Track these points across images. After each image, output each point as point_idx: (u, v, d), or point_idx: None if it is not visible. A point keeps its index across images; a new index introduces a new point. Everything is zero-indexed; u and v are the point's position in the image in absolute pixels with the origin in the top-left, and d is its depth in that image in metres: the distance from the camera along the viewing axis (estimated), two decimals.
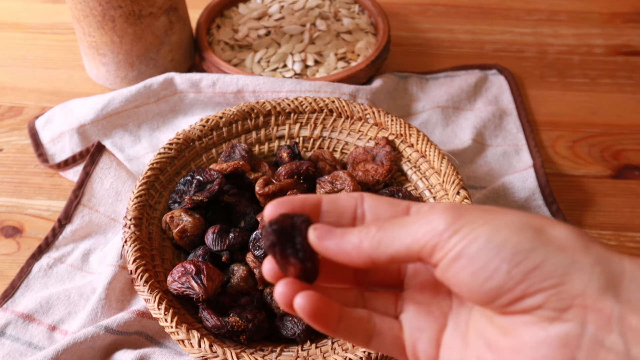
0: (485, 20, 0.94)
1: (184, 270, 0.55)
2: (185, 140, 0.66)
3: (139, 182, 0.61)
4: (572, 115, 0.80)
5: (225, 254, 0.58)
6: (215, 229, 0.59)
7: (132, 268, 0.55)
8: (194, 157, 0.66)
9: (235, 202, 0.62)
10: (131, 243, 0.56)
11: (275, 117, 0.69)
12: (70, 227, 0.66)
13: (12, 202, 0.70)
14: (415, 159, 0.65)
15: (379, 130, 0.67)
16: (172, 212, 0.60)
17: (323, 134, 0.69)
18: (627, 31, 0.91)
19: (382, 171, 0.64)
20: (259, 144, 0.69)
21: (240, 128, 0.68)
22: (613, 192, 0.72)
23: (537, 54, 0.88)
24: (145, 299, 0.53)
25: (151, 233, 0.60)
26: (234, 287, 0.57)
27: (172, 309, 0.52)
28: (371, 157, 0.65)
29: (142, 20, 0.75)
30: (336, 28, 0.85)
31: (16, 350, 0.57)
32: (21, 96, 0.82)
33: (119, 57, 0.78)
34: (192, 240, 0.59)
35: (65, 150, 0.73)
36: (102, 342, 0.56)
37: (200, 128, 0.66)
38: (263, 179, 0.61)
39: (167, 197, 0.63)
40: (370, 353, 0.48)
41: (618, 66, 0.86)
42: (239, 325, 0.52)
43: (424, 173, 0.65)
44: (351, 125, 0.68)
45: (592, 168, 0.74)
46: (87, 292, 0.61)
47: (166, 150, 0.65)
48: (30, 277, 0.63)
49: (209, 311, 0.53)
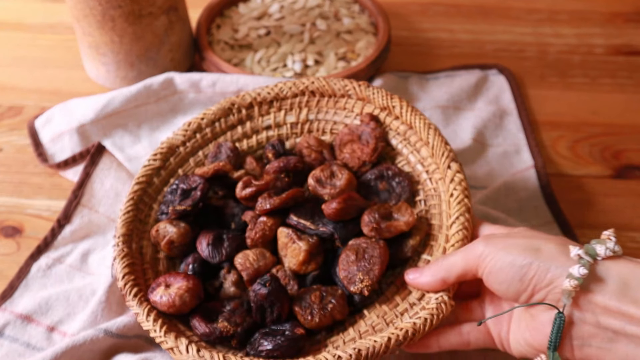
0: (486, 20, 0.93)
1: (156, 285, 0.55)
2: (170, 149, 0.64)
3: (126, 199, 0.60)
4: (572, 115, 0.80)
5: (226, 266, 0.57)
6: (209, 239, 0.57)
7: (121, 284, 0.54)
8: (181, 163, 0.65)
9: (222, 204, 0.61)
10: (120, 260, 0.56)
11: (258, 107, 0.66)
12: (69, 227, 0.66)
13: (12, 202, 0.70)
14: (403, 131, 0.62)
15: (364, 105, 0.64)
16: (158, 225, 0.59)
17: (309, 117, 0.66)
18: (628, 31, 0.91)
19: (367, 151, 0.61)
20: (246, 138, 0.67)
21: (224, 125, 0.66)
22: (614, 192, 0.72)
23: (537, 54, 0.88)
24: (135, 312, 0.53)
25: (142, 247, 0.59)
26: (225, 294, 0.56)
27: (161, 319, 0.52)
28: (357, 137, 0.62)
29: (142, 20, 0.75)
30: (336, 28, 0.85)
31: (14, 350, 0.57)
32: (21, 96, 0.82)
33: (119, 56, 0.78)
34: (181, 250, 0.58)
35: (65, 150, 0.73)
36: (101, 345, 0.56)
37: (182, 133, 0.65)
38: (243, 182, 0.59)
39: (157, 208, 0.62)
40: (360, 350, 0.48)
41: (619, 66, 0.86)
42: (227, 330, 0.52)
43: (414, 145, 0.61)
44: (336, 103, 0.66)
45: (592, 168, 0.74)
46: (87, 293, 0.61)
47: (150, 162, 0.63)
48: (29, 278, 0.63)
49: (198, 319, 0.53)
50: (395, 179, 0.60)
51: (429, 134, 0.59)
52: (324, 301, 0.53)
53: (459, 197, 0.55)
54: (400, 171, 0.60)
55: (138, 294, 0.54)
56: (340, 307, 0.53)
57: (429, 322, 0.49)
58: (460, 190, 0.55)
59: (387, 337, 0.48)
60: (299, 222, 0.56)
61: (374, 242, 0.54)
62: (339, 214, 0.55)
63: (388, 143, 0.63)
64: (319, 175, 0.59)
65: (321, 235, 0.56)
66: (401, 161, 0.62)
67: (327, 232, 0.55)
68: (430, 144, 0.59)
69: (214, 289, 0.57)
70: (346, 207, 0.55)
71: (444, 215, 0.56)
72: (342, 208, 0.55)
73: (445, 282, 0.50)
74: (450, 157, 0.57)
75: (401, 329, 0.49)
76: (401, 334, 0.49)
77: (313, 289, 0.54)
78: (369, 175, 0.61)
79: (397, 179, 0.60)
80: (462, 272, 0.48)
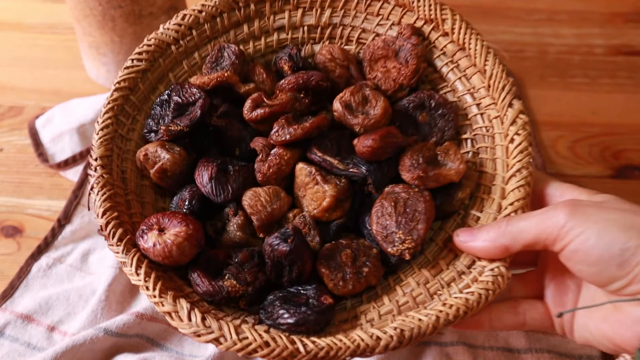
0: (486, 20, 0.93)
1: (147, 227, 0.44)
2: (158, 46, 0.52)
3: (104, 109, 0.49)
4: (572, 115, 0.80)
5: (232, 206, 0.46)
6: (211, 171, 0.46)
7: (102, 223, 0.44)
8: (172, 66, 0.53)
9: (225, 125, 0.49)
10: (99, 190, 0.45)
11: (270, 3, 0.54)
12: (69, 227, 0.66)
13: (12, 202, 0.70)
14: (451, 52, 0.51)
15: (403, 13, 0.52)
16: (146, 148, 0.47)
17: (332, 21, 0.54)
18: (628, 31, 0.91)
19: (406, 72, 0.50)
20: (253, 40, 0.55)
21: (227, 22, 0.54)
22: (613, 192, 0.71)
23: (537, 54, 0.88)
24: (121, 261, 0.43)
25: (125, 172, 0.48)
26: (230, 239, 0.46)
27: (154, 272, 0.42)
28: (393, 53, 0.51)
29: (142, 20, 0.75)
30: None
31: (15, 350, 0.57)
32: (21, 96, 0.82)
33: (119, 56, 0.78)
34: (176, 179, 0.48)
35: (65, 150, 0.73)
36: (101, 344, 0.56)
37: (175, 28, 0.52)
38: (252, 100, 0.48)
39: (143, 121, 0.51)
40: (403, 331, 0.39)
41: (618, 66, 0.86)
42: (236, 290, 0.42)
43: (463, 71, 0.50)
44: (367, 7, 0.53)
45: (592, 168, 0.74)
46: (87, 292, 0.61)
47: (135, 63, 0.51)
48: (29, 278, 0.63)
49: (199, 273, 0.43)
50: (439, 109, 0.49)
51: (487, 59, 0.48)
52: (357, 262, 0.44)
53: (521, 145, 0.45)
54: (445, 101, 0.50)
55: (124, 238, 0.43)
56: (376, 270, 0.44)
57: (484, 299, 0.40)
58: (524, 136, 0.45)
59: (435, 316, 0.40)
60: (324, 158, 0.46)
61: (417, 193, 0.44)
62: (375, 153, 0.45)
63: (430, 64, 0.52)
64: (349, 99, 0.48)
65: (351, 177, 0.46)
66: (444, 87, 0.52)
67: (359, 174, 0.45)
68: (488, 72, 0.48)
69: (215, 230, 0.47)
70: (384, 145, 0.45)
71: (499, 164, 0.47)
72: (380, 147, 0.44)
73: (507, 250, 0.41)
74: (512, 93, 0.47)
75: (451, 306, 0.40)
76: (451, 313, 0.40)
77: (342, 245, 0.45)
78: (405, 103, 0.50)
79: (441, 110, 0.49)
80: (532, 241, 0.40)
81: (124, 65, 0.51)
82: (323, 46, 0.53)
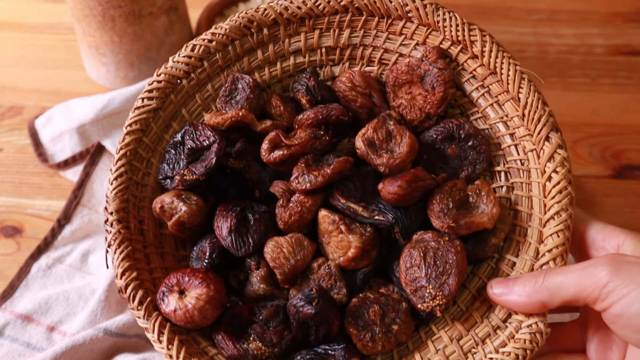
0: (485, 20, 0.93)
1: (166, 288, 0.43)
2: (169, 82, 0.49)
3: (117, 155, 0.46)
4: (572, 115, 0.80)
5: (254, 260, 0.45)
6: (230, 222, 0.44)
7: (121, 284, 0.42)
8: (185, 101, 0.50)
9: (243, 167, 0.47)
10: (116, 248, 0.43)
11: (284, 26, 0.50)
12: (69, 227, 0.66)
13: (12, 202, 0.70)
14: (482, 75, 0.46)
15: (428, 33, 0.48)
16: (162, 200, 0.45)
17: (352, 41, 0.50)
18: (628, 31, 0.91)
19: (432, 100, 0.46)
20: (268, 65, 0.51)
21: (239, 49, 0.50)
22: (614, 192, 0.72)
23: (537, 54, 0.88)
24: (143, 327, 0.42)
25: (142, 222, 0.46)
26: (253, 291, 0.45)
27: (177, 337, 0.41)
28: (418, 78, 0.47)
29: (142, 20, 0.75)
30: None
31: (15, 350, 0.57)
32: (21, 96, 0.82)
33: (119, 57, 0.78)
34: (194, 230, 0.46)
35: (65, 150, 0.73)
36: (101, 344, 0.56)
37: (185, 61, 0.49)
38: (269, 141, 0.45)
39: (158, 164, 0.49)
40: None
41: (618, 66, 0.86)
42: (262, 353, 0.41)
43: (495, 97, 0.46)
44: (389, 26, 0.49)
45: (592, 168, 0.74)
46: (86, 293, 0.61)
47: (145, 102, 0.48)
48: (29, 278, 0.63)
49: (223, 335, 0.42)
50: (470, 141, 0.46)
51: (521, 85, 0.44)
52: (386, 319, 0.42)
53: (560, 184, 0.41)
54: (476, 131, 0.46)
55: (144, 301, 0.42)
56: (406, 327, 0.42)
57: (521, 359, 0.38)
58: (563, 174, 0.41)
59: None
60: (347, 206, 0.43)
61: (448, 243, 0.42)
62: (401, 199, 0.42)
63: (458, 87, 0.47)
64: (372, 136, 0.45)
65: (377, 225, 0.43)
66: (474, 113, 0.47)
67: (385, 222, 0.43)
68: (522, 101, 0.44)
69: (238, 282, 0.46)
70: (411, 191, 0.42)
71: (536, 203, 0.43)
72: (406, 193, 0.42)
73: (545, 306, 0.39)
74: (549, 124, 0.43)
75: None
76: None
77: (370, 301, 0.43)
78: (433, 134, 0.47)
79: (471, 142, 0.46)
80: (571, 298, 0.37)
81: (134, 105, 0.48)
82: (343, 72, 0.49)
